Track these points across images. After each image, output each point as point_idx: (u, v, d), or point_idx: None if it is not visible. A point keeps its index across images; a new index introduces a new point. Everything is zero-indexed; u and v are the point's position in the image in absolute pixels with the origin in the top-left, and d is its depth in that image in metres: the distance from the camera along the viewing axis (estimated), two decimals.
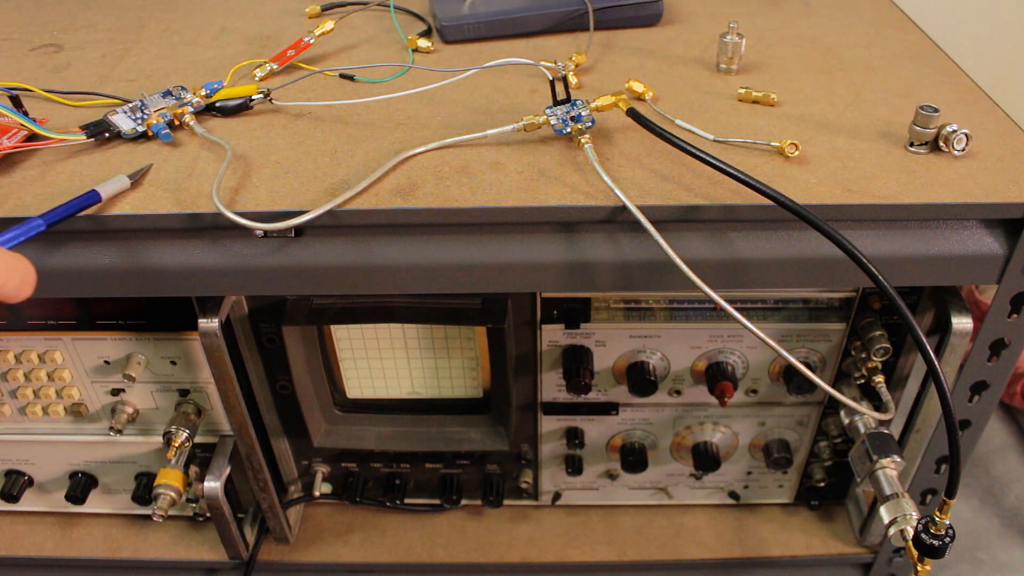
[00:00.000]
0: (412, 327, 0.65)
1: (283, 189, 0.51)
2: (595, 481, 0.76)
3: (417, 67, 0.66)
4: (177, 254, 0.51)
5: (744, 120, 0.58)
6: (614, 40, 0.71)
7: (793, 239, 0.51)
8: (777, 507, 0.79)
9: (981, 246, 0.51)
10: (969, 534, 0.83)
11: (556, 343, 0.64)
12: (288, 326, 0.62)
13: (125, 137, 0.56)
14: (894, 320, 0.61)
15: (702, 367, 0.65)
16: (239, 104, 0.59)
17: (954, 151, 0.53)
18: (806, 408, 0.69)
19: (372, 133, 0.57)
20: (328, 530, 0.78)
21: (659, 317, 0.63)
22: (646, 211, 0.47)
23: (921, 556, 0.52)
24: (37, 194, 0.51)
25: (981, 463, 0.90)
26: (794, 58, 0.67)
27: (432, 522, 0.78)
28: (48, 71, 0.67)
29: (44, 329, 0.62)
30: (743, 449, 0.72)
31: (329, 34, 0.67)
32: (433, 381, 0.69)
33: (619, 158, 0.54)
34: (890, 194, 0.50)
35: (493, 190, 0.50)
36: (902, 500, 0.57)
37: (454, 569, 0.76)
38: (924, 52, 0.68)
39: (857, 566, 0.76)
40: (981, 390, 0.60)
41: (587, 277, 0.51)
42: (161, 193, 0.51)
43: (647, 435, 0.71)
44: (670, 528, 0.77)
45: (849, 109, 0.59)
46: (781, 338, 0.63)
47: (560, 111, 0.54)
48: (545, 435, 0.71)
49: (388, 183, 0.51)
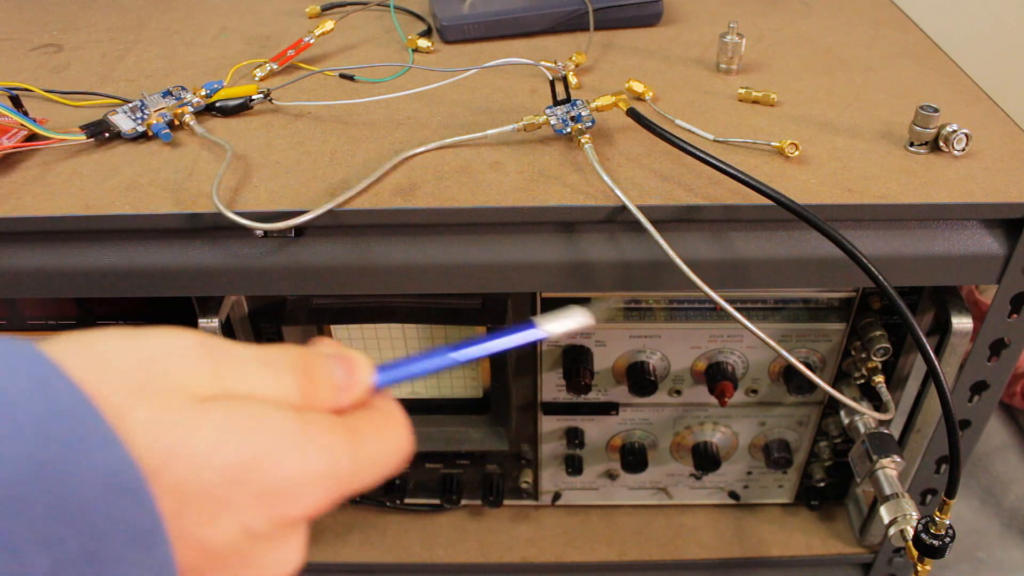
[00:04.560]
0: (412, 327, 0.65)
1: (283, 189, 0.51)
2: (595, 481, 0.76)
3: (417, 67, 0.66)
4: (177, 254, 0.51)
5: (744, 120, 0.58)
6: (614, 40, 0.71)
7: (793, 239, 0.51)
8: (777, 507, 0.79)
9: (981, 246, 0.51)
10: (969, 534, 0.83)
11: (556, 343, 0.64)
12: (288, 326, 0.62)
13: (125, 137, 0.56)
14: (894, 320, 0.61)
15: (702, 367, 0.65)
16: (239, 104, 0.59)
17: (954, 151, 0.53)
18: (806, 408, 0.69)
19: (372, 133, 0.57)
20: (328, 530, 0.78)
21: (659, 317, 0.63)
22: (646, 211, 0.47)
23: (921, 556, 0.52)
24: (37, 194, 0.51)
25: (981, 463, 0.90)
26: (794, 58, 0.67)
27: (432, 522, 0.78)
28: (48, 71, 0.67)
29: (44, 329, 0.62)
30: (743, 449, 0.72)
31: (329, 34, 0.67)
32: (433, 381, 0.69)
33: (619, 158, 0.54)
34: (890, 194, 0.50)
35: (493, 190, 0.50)
36: (902, 500, 0.57)
37: (454, 569, 0.75)
38: (924, 52, 0.68)
39: (857, 566, 0.76)
40: (981, 390, 0.60)
41: (587, 277, 0.51)
42: (161, 193, 0.51)
43: (647, 435, 0.71)
44: (670, 528, 0.77)
45: (849, 109, 0.59)
46: (781, 338, 0.63)
47: (560, 111, 0.54)
48: (545, 435, 0.71)
49: (388, 183, 0.51)
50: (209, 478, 0.24)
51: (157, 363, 0.25)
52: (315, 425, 0.26)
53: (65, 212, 0.49)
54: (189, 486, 0.24)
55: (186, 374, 0.25)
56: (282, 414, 0.26)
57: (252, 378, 0.27)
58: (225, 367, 0.26)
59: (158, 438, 0.24)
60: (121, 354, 0.25)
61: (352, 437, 0.27)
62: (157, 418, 0.24)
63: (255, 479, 0.25)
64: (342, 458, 0.27)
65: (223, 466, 0.24)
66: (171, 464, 0.24)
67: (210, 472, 0.24)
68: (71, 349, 0.25)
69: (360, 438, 0.28)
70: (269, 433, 0.25)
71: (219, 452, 0.24)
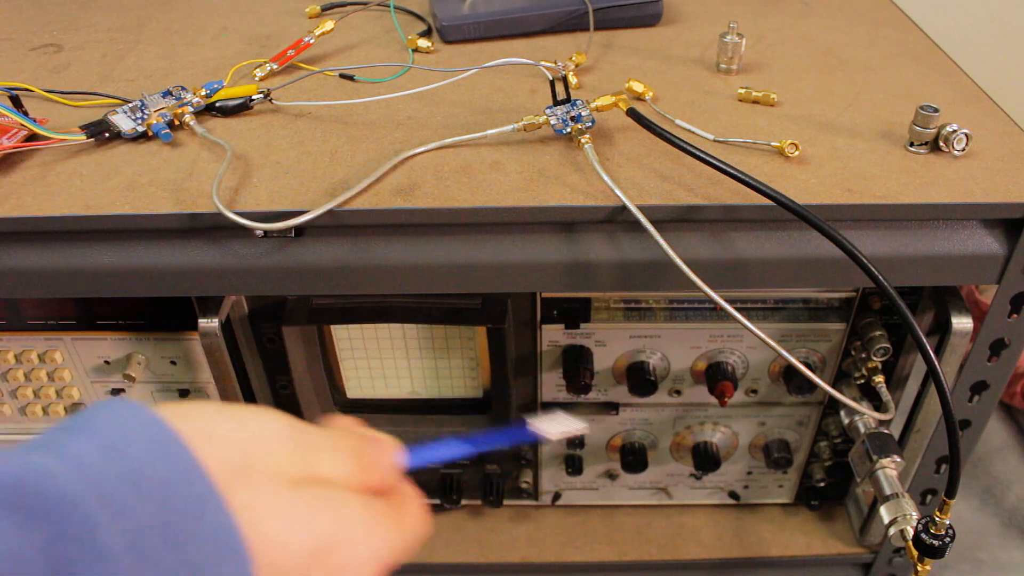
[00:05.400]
0: (412, 327, 0.65)
1: (283, 189, 0.51)
2: (595, 481, 0.76)
3: (417, 67, 0.66)
4: (177, 254, 0.51)
5: (744, 120, 0.58)
6: (614, 40, 0.71)
7: (793, 239, 0.51)
8: (777, 507, 0.79)
9: (981, 246, 0.51)
10: (969, 534, 0.83)
11: (556, 343, 0.64)
12: (288, 326, 0.62)
13: (125, 137, 0.56)
14: (894, 320, 0.61)
15: (702, 367, 0.65)
16: (239, 104, 0.59)
17: (954, 151, 0.53)
18: (806, 408, 0.69)
19: (372, 133, 0.57)
20: None
21: (659, 317, 0.63)
22: (646, 211, 0.47)
23: (921, 556, 0.52)
24: (37, 194, 0.51)
25: (981, 463, 0.90)
26: (794, 58, 0.67)
27: (432, 522, 0.78)
28: (48, 71, 0.67)
29: (44, 329, 0.62)
30: (743, 449, 0.72)
31: (329, 34, 0.67)
32: (433, 381, 0.69)
33: (619, 158, 0.54)
34: (890, 194, 0.50)
35: (493, 190, 0.50)
36: (902, 500, 0.57)
37: (454, 569, 0.75)
38: (924, 52, 0.68)
39: (857, 566, 0.76)
40: (981, 390, 0.60)
41: (587, 277, 0.51)
42: (161, 193, 0.51)
43: (647, 435, 0.71)
44: (670, 528, 0.77)
45: (849, 109, 0.59)
46: (781, 338, 0.63)
47: (560, 111, 0.54)
48: None
49: (388, 183, 0.51)
50: (297, 554, 0.27)
51: (257, 443, 0.28)
52: (377, 511, 0.30)
53: (65, 212, 0.49)
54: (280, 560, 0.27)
55: (281, 458, 0.28)
56: (357, 500, 0.30)
57: (327, 464, 0.30)
58: (309, 453, 0.30)
59: (259, 514, 0.27)
60: (227, 431, 0.28)
61: (399, 520, 0.31)
62: (258, 497, 0.27)
63: (332, 559, 0.28)
64: (395, 539, 0.31)
65: (311, 545, 0.27)
66: (267, 538, 0.27)
67: (299, 549, 0.27)
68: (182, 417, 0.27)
69: (403, 520, 0.32)
70: (347, 519, 0.29)
71: (308, 532, 0.27)
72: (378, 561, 0.30)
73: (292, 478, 0.28)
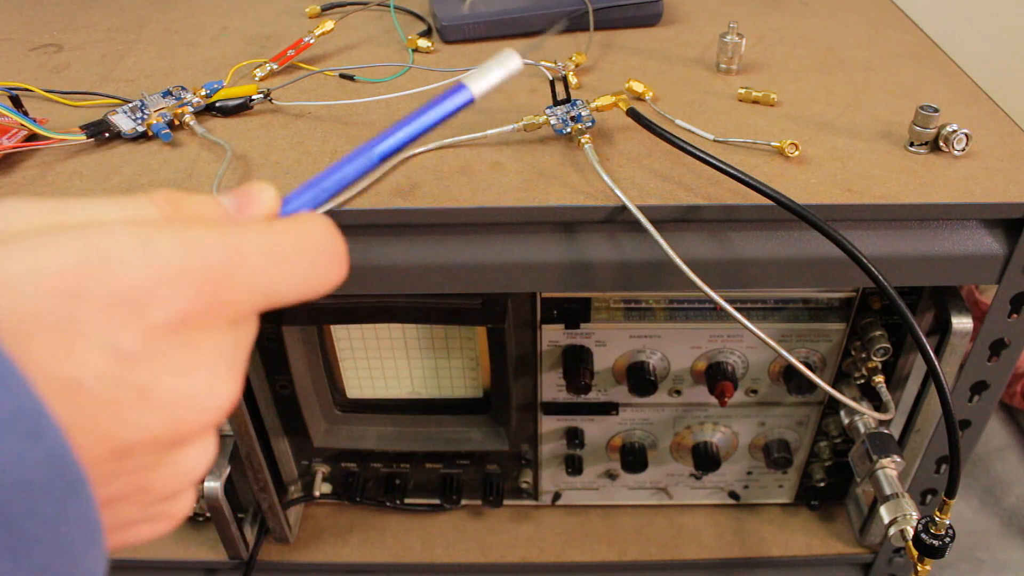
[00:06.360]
0: (412, 327, 0.65)
1: (283, 189, 0.51)
2: (595, 481, 0.76)
3: (417, 67, 0.66)
4: None
5: (744, 120, 0.58)
6: (614, 40, 0.71)
7: (793, 239, 0.51)
8: (777, 507, 0.79)
9: (981, 246, 0.51)
10: (969, 534, 0.83)
11: (556, 343, 0.64)
12: (288, 326, 0.62)
13: (125, 137, 0.56)
14: (894, 320, 0.61)
15: (702, 367, 0.65)
16: (239, 104, 0.59)
17: (954, 151, 0.53)
18: (806, 408, 0.69)
19: (372, 133, 0.56)
20: (328, 530, 0.78)
21: (659, 317, 0.63)
22: (646, 211, 0.47)
23: (921, 556, 0.52)
24: (37, 194, 0.51)
25: (981, 463, 0.90)
26: (794, 58, 0.67)
27: (432, 522, 0.78)
28: (48, 71, 0.67)
29: None
30: (743, 449, 0.72)
31: (329, 34, 0.67)
32: (433, 381, 0.69)
33: (619, 158, 0.54)
34: (890, 194, 0.50)
35: (493, 190, 0.50)
36: (902, 500, 0.57)
37: (454, 569, 0.76)
38: (924, 52, 0.68)
39: (857, 566, 0.76)
40: (981, 390, 0.60)
41: (587, 277, 0.51)
42: None
43: (647, 435, 0.71)
44: (670, 528, 0.77)
45: (849, 109, 0.59)
46: (781, 338, 0.63)
47: (560, 111, 0.54)
48: (545, 435, 0.71)
49: (388, 183, 0.51)
50: (38, 301, 0.20)
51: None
52: (168, 224, 0.23)
53: None
54: (19, 315, 0.20)
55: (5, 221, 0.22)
56: (119, 223, 0.22)
57: (95, 211, 0.23)
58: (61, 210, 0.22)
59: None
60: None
61: (226, 229, 0.23)
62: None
63: (96, 287, 0.21)
64: (208, 248, 0.23)
65: (47, 283, 0.20)
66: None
67: (36, 293, 0.20)
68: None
69: (241, 231, 0.24)
70: (102, 238, 0.21)
71: (39, 270, 0.20)
72: (184, 274, 0.22)
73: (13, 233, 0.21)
